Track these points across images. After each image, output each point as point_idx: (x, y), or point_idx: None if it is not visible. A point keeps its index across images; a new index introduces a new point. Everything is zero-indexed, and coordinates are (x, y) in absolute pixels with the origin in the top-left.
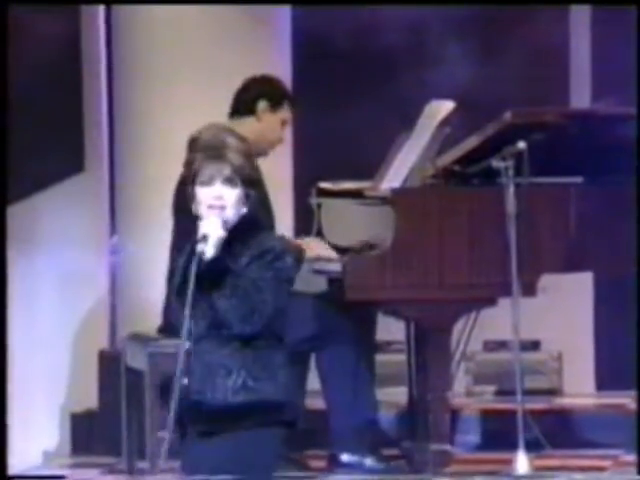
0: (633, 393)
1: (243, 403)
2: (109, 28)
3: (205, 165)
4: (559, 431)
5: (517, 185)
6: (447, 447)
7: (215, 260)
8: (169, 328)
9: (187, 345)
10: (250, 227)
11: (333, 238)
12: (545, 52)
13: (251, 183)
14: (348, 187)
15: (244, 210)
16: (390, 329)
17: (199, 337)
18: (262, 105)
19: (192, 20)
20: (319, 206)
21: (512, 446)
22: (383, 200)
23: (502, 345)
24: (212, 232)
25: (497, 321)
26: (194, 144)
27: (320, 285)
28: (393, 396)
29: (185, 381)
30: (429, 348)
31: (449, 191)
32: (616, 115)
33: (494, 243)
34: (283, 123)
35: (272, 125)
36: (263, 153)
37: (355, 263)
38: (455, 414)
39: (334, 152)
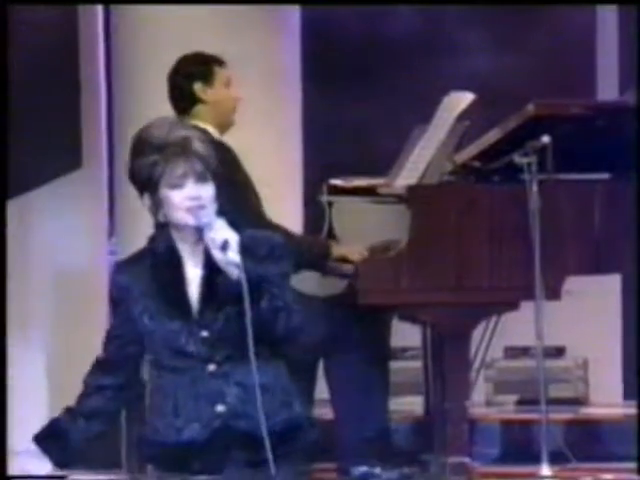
0: None
1: (285, 421)
2: (108, 21)
3: (172, 164)
4: (585, 443)
5: (541, 182)
6: (466, 460)
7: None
8: None
9: (212, 368)
10: (236, 223)
11: (345, 238)
12: (571, 41)
13: (216, 174)
14: (361, 184)
15: (215, 206)
16: (405, 334)
17: (224, 358)
18: (198, 87)
19: (196, 11)
20: (330, 204)
21: (535, 459)
22: (398, 198)
23: (524, 352)
24: (230, 236)
25: (519, 326)
26: (146, 145)
27: (330, 287)
28: (408, 406)
29: (220, 408)
30: (447, 355)
31: (468, 188)
32: (637, 106)
33: (516, 243)
34: (227, 84)
35: (220, 96)
36: (231, 123)
37: (368, 265)
38: (474, 425)
39: (346, 147)
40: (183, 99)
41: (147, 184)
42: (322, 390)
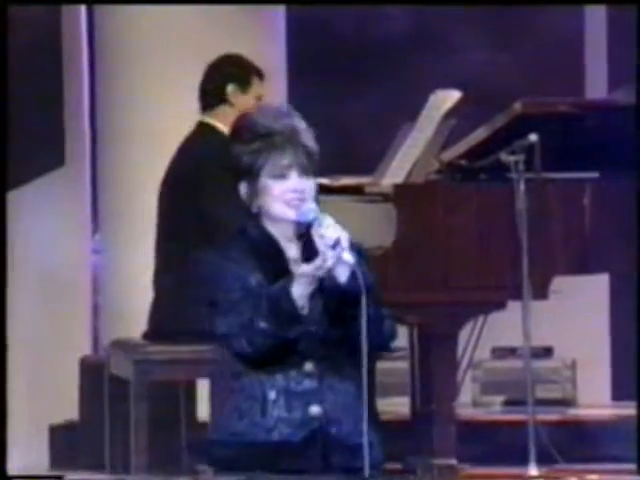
0: None
1: (368, 434)
2: (91, 17)
3: (277, 154)
4: (573, 444)
5: (528, 180)
6: (453, 461)
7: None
8: (156, 334)
9: (309, 367)
10: None
11: None
12: (559, 39)
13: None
14: (347, 183)
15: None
16: None
17: (320, 359)
18: (231, 89)
19: (181, 11)
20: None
21: (522, 460)
22: (384, 197)
23: (512, 352)
24: (342, 235)
25: (506, 326)
26: (249, 132)
27: None
28: (395, 407)
29: (317, 409)
30: (433, 355)
31: (455, 187)
32: (636, 106)
33: (503, 242)
34: (258, 99)
35: (246, 106)
36: None
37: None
38: (461, 426)
39: (332, 146)
40: (212, 95)
41: (247, 172)
42: None
